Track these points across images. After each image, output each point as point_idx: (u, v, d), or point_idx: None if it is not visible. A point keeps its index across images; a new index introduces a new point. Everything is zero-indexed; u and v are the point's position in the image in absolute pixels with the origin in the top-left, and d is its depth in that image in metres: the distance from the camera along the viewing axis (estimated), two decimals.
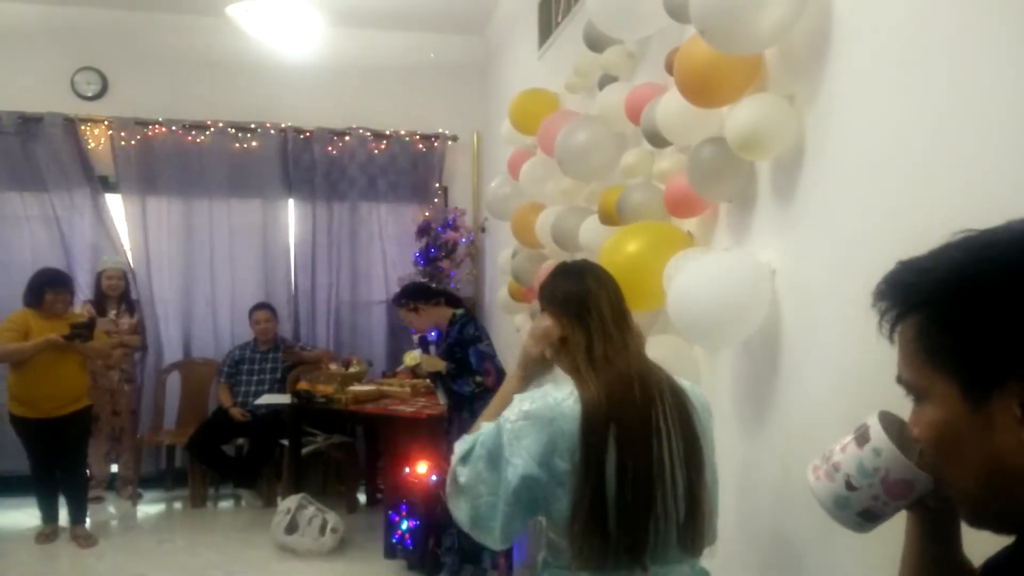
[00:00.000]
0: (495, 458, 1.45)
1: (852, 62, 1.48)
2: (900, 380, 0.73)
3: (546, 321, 1.59)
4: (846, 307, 1.46)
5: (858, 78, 1.46)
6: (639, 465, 1.43)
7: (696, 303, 1.70)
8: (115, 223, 5.18)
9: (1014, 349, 0.62)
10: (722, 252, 1.94)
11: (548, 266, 3.17)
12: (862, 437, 0.85)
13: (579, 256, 3.01)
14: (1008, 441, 0.63)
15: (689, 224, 2.18)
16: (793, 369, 1.69)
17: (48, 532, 4.25)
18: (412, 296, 3.79)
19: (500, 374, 3.43)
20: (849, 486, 0.83)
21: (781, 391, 1.73)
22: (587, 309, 1.54)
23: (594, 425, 1.42)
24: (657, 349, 2.15)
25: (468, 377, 3.43)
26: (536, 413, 1.44)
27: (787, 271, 1.70)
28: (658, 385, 1.50)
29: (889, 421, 0.86)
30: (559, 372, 1.60)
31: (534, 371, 1.63)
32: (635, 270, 2.01)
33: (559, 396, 1.47)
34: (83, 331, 4.07)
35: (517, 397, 1.50)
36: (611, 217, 2.33)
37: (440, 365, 3.44)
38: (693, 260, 1.81)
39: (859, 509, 0.83)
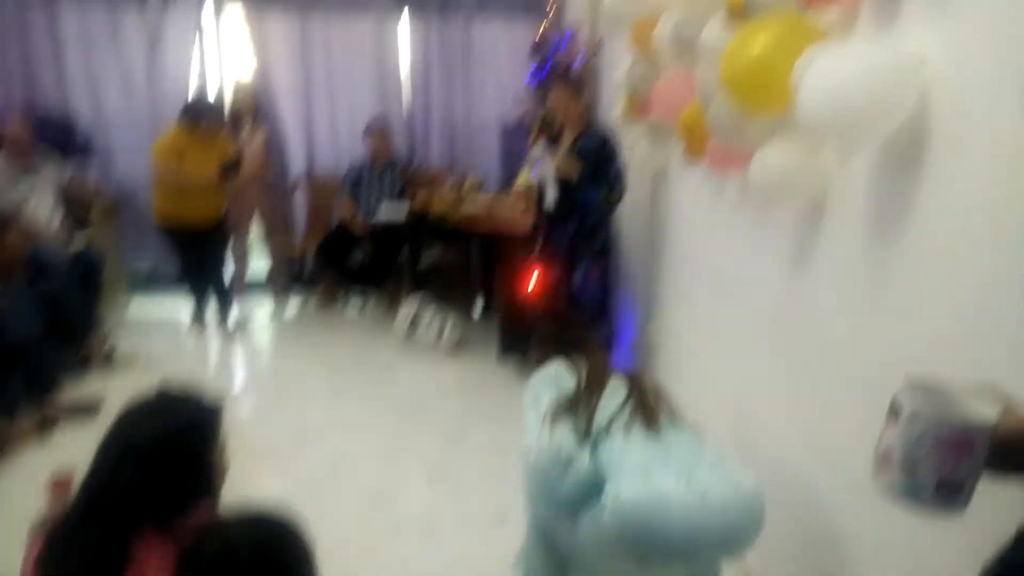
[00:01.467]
0: None
1: None
2: None
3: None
4: (1005, 109, 1.33)
5: None
6: None
7: (830, 93, 1.58)
8: (231, 41, 5.29)
9: None
10: (860, 40, 1.79)
11: (667, 77, 3.04)
12: (894, 410, 0.79)
13: (698, 65, 2.85)
14: None
15: (828, 16, 2.00)
16: (938, 178, 1.56)
17: (198, 324, 4.82)
18: (578, 84, 3.94)
19: (622, 194, 3.59)
20: (909, 465, 0.77)
21: (921, 204, 1.59)
22: None
23: None
24: (781, 158, 2.07)
25: (603, 188, 3.57)
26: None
27: (940, 62, 1.55)
28: None
29: (918, 384, 0.80)
30: None
31: None
32: (762, 67, 1.89)
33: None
34: (231, 171, 4.50)
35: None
36: (739, 10, 2.17)
37: (577, 167, 3.55)
38: (828, 50, 1.68)
39: (933, 484, 0.76)
